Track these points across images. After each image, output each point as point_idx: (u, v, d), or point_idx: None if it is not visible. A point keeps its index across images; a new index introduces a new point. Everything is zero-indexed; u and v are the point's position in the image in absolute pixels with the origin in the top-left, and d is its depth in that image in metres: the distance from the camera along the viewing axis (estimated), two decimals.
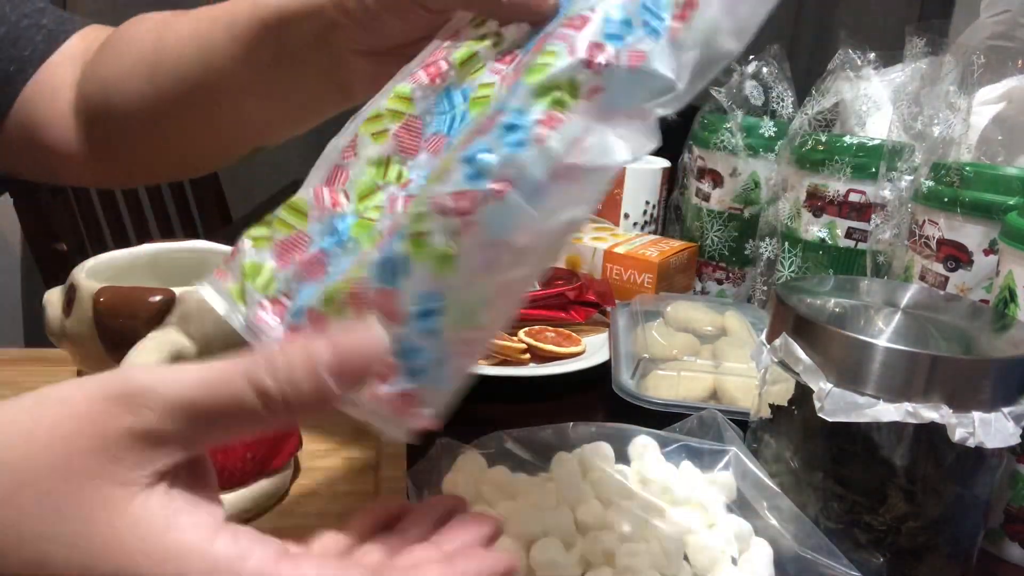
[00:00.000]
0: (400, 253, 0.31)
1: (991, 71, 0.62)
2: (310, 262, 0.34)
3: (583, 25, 0.31)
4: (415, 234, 0.31)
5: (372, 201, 0.35)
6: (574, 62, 0.31)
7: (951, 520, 0.44)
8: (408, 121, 0.35)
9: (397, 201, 0.34)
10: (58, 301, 0.44)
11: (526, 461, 0.51)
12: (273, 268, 0.35)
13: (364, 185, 0.35)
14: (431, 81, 0.35)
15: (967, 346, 0.44)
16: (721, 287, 0.93)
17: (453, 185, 0.30)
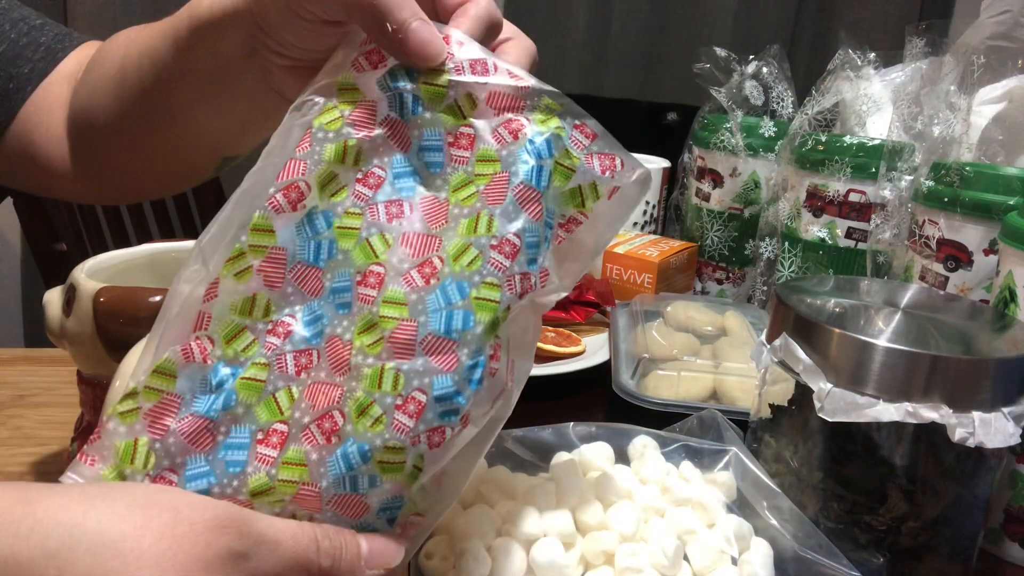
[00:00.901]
0: (368, 471, 0.34)
1: (991, 71, 0.62)
2: (195, 432, 0.33)
3: (514, 254, 0.35)
4: (386, 461, 0.34)
5: (239, 344, 0.35)
6: (513, 297, 0.35)
7: (951, 520, 0.44)
8: (271, 253, 0.35)
9: (285, 359, 0.35)
10: (58, 301, 0.44)
11: (526, 461, 0.50)
12: (148, 441, 0.33)
13: (230, 326, 0.35)
14: (292, 208, 0.35)
15: (967, 346, 0.44)
16: (721, 287, 0.93)
17: (425, 424, 0.33)
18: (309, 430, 0.34)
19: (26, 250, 1.55)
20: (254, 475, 0.33)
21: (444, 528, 0.43)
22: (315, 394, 0.34)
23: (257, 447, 0.34)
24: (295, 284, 0.35)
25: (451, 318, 0.34)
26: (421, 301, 0.34)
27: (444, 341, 0.34)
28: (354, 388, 0.34)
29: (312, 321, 0.35)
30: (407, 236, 0.35)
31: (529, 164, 0.36)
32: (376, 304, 0.34)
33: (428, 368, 0.33)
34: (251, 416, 0.34)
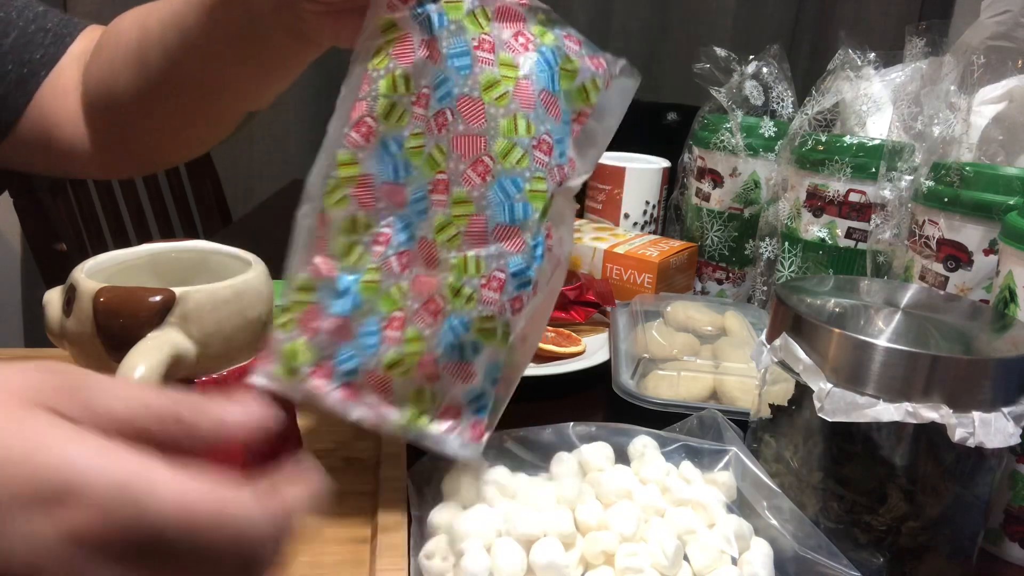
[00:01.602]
0: (472, 339, 0.43)
1: (991, 71, 0.62)
2: (336, 328, 0.43)
3: (549, 152, 0.43)
4: (483, 328, 0.43)
5: (353, 256, 0.44)
6: (554, 186, 0.43)
7: (951, 520, 0.44)
8: (359, 180, 0.43)
9: (392, 263, 0.43)
10: (58, 301, 0.44)
11: (526, 461, 0.51)
12: (304, 341, 0.43)
13: (341, 246, 0.44)
14: (365, 140, 0.43)
15: (967, 346, 0.44)
16: (721, 287, 0.93)
17: (507, 295, 0.42)
18: (419, 313, 0.43)
19: (26, 250, 1.55)
20: (385, 353, 0.43)
21: (444, 528, 0.43)
22: (418, 285, 0.43)
23: (384, 331, 0.43)
24: (384, 200, 0.43)
25: (513, 209, 0.42)
26: (483, 197, 0.42)
27: (510, 229, 0.42)
28: (446, 276, 0.42)
29: (403, 228, 0.43)
30: (456, 140, 0.42)
31: (545, 72, 0.43)
32: (447, 207, 0.42)
33: (502, 252, 0.42)
34: (375, 310, 0.43)
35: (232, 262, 0.49)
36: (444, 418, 0.44)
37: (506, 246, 0.42)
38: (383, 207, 0.43)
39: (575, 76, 0.44)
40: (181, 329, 0.42)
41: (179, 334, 0.41)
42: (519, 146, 0.42)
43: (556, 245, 0.44)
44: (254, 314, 0.45)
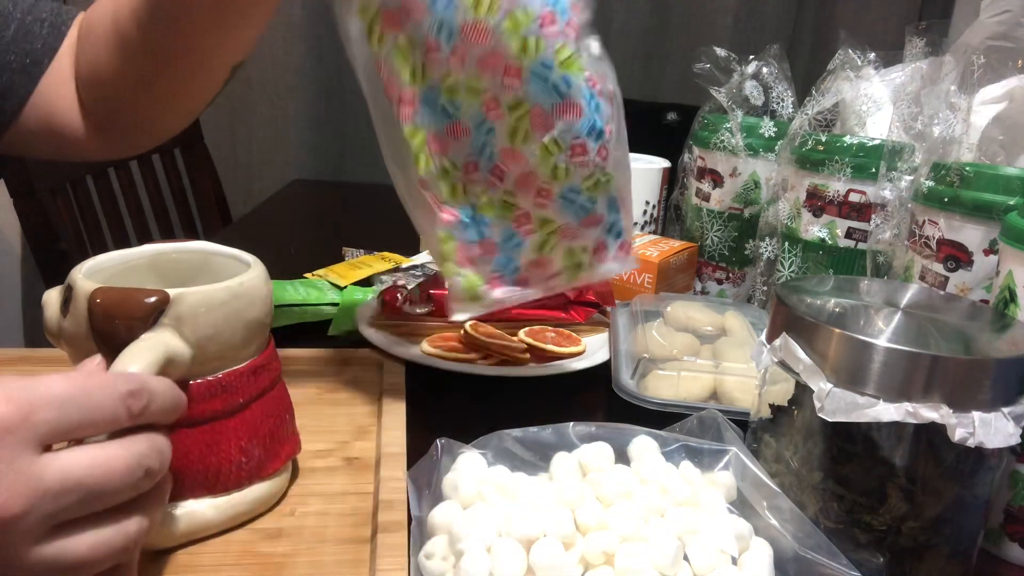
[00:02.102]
0: (585, 197, 0.50)
1: (991, 71, 0.62)
2: (484, 250, 0.52)
3: (553, 19, 0.46)
4: (589, 186, 0.50)
5: (459, 193, 0.50)
6: (575, 42, 0.47)
7: (951, 520, 0.44)
8: (428, 136, 0.48)
9: (490, 179, 0.50)
10: (56, 301, 0.44)
11: (526, 461, 0.50)
12: (471, 272, 0.52)
13: (447, 192, 0.51)
14: (411, 107, 0.47)
15: (967, 346, 0.44)
16: (721, 287, 0.93)
17: (591, 151, 0.48)
18: (536, 202, 0.50)
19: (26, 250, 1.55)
20: (531, 242, 0.52)
21: (444, 528, 0.43)
22: (521, 183, 0.49)
23: (518, 230, 0.51)
24: (453, 139, 0.48)
25: (557, 87, 0.46)
26: (526, 93, 0.46)
27: (565, 103, 0.47)
28: (538, 166, 0.48)
29: (480, 150, 0.49)
30: (480, 64, 0.46)
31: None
32: (506, 116, 0.47)
33: (569, 124, 0.47)
34: (502, 219, 0.51)
35: (233, 263, 0.49)
36: (598, 254, 0.53)
37: (568, 118, 0.47)
38: (454, 143, 0.48)
39: None
40: (175, 331, 0.42)
41: (173, 335, 0.41)
42: (529, 35, 0.45)
43: (601, 83, 0.48)
44: (251, 316, 0.45)
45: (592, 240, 0.52)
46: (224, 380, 0.45)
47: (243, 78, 1.73)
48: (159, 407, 0.36)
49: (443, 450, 0.49)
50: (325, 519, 0.47)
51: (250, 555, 0.44)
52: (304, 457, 0.53)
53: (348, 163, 1.87)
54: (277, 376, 0.49)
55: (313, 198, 1.53)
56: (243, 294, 0.45)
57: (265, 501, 0.47)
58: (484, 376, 0.66)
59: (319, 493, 0.50)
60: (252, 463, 0.46)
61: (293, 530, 0.46)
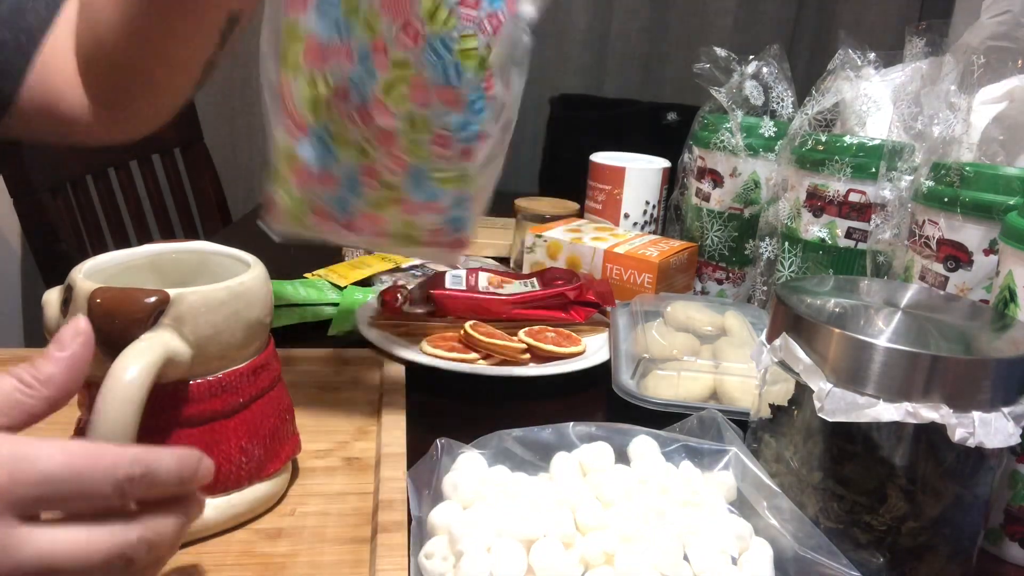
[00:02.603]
0: (433, 186, 0.45)
1: (991, 71, 0.62)
2: (320, 178, 0.48)
3: (476, 3, 0.42)
4: (441, 177, 0.45)
5: (321, 112, 0.45)
6: (488, 37, 0.43)
7: (951, 520, 0.44)
8: (307, 41, 0.44)
9: (355, 116, 0.44)
10: (56, 301, 0.44)
11: (526, 461, 0.50)
12: (300, 195, 0.49)
13: (308, 102, 0.46)
14: (302, 3, 0.43)
15: (967, 346, 0.44)
16: (721, 287, 0.93)
17: (455, 149, 0.44)
18: (386, 163, 0.46)
19: (26, 250, 1.55)
20: (369, 195, 0.48)
21: (444, 528, 0.43)
22: (380, 138, 0.45)
23: (362, 177, 0.47)
24: (333, 59, 0.43)
25: (446, 70, 0.42)
26: (418, 59, 0.42)
27: (447, 89, 0.43)
28: (401, 129, 0.45)
29: (356, 86, 0.44)
30: (384, 1, 0.42)
31: None
32: (388, 67, 0.43)
33: (442, 110, 0.43)
34: (350, 159, 0.47)
35: (233, 263, 0.49)
36: (432, 237, 0.50)
37: (446, 105, 0.43)
38: (334, 63, 0.44)
39: None
40: (175, 331, 0.42)
41: (173, 335, 0.41)
42: (444, 5, 0.41)
43: (500, 91, 0.45)
44: (251, 316, 0.45)
45: (429, 222, 0.50)
46: (224, 380, 0.45)
47: (243, 77, 1.73)
48: (159, 492, 0.34)
49: (443, 450, 0.49)
50: (325, 519, 0.47)
51: (250, 555, 0.44)
52: (304, 457, 0.53)
53: None
54: (277, 376, 0.49)
55: None
56: (243, 294, 0.45)
57: (265, 501, 0.47)
58: (484, 376, 0.66)
59: (319, 493, 0.50)
60: (252, 463, 0.46)
61: (293, 530, 0.46)
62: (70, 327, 0.36)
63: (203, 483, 0.35)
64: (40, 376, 0.34)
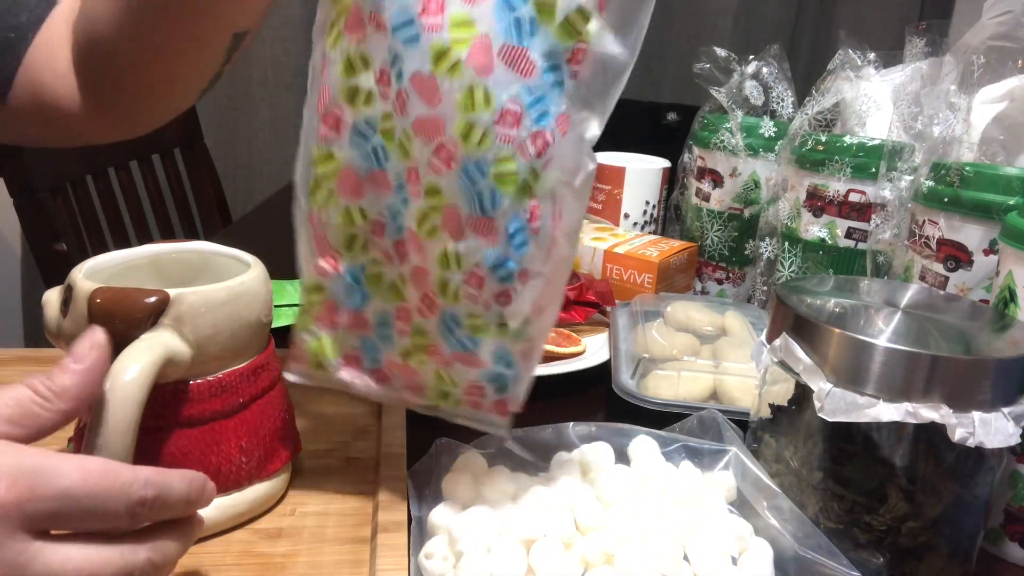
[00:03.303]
0: (466, 334, 0.41)
1: (991, 71, 0.62)
2: (352, 322, 0.44)
3: (517, 121, 0.37)
4: (474, 325, 0.40)
5: (356, 249, 0.42)
6: (531, 160, 0.37)
7: (951, 520, 0.44)
8: (341, 173, 0.40)
9: (391, 253, 0.41)
10: (56, 301, 0.44)
11: (526, 461, 0.51)
12: (328, 337, 0.44)
13: (343, 239, 0.42)
14: (335, 131, 0.40)
15: (967, 346, 0.44)
16: (721, 287, 0.93)
17: (489, 290, 0.39)
18: (419, 306, 0.42)
19: (26, 250, 1.55)
20: (400, 343, 0.43)
21: (444, 528, 0.43)
22: (416, 277, 0.41)
23: (396, 322, 0.43)
24: (371, 188, 0.40)
25: (481, 198, 0.37)
26: (451, 186, 0.38)
27: (482, 220, 0.38)
28: (434, 269, 0.40)
29: (393, 216, 0.40)
30: (416, 123, 0.37)
31: (505, 19, 0.35)
32: (420, 197, 0.39)
33: (477, 245, 0.38)
34: (385, 301, 0.43)
35: (233, 263, 0.49)
36: (470, 396, 0.44)
37: (480, 239, 0.38)
38: (372, 194, 0.40)
39: (553, 10, 0.36)
40: (175, 331, 0.42)
41: (173, 336, 0.41)
42: (478, 124, 0.36)
43: (547, 222, 0.39)
44: (251, 316, 0.45)
45: (466, 378, 0.43)
46: (224, 380, 0.45)
47: (243, 77, 1.73)
48: (168, 514, 0.34)
49: (443, 450, 0.49)
50: (325, 519, 0.47)
51: (250, 555, 0.44)
52: (304, 457, 0.53)
53: None
54: (277, 376, 0.49)
55: None
56: (243, 294, 0.45)
57: (265, 501, 0.47)
58: None
59: (319, 493, 0.50)
60: (252, 463, 0.46)
61: (293, 530, 0.46)
62: (87, 339, 0.36)
63: (206, 505, 0.36)
64: (55, 388, 0.34)
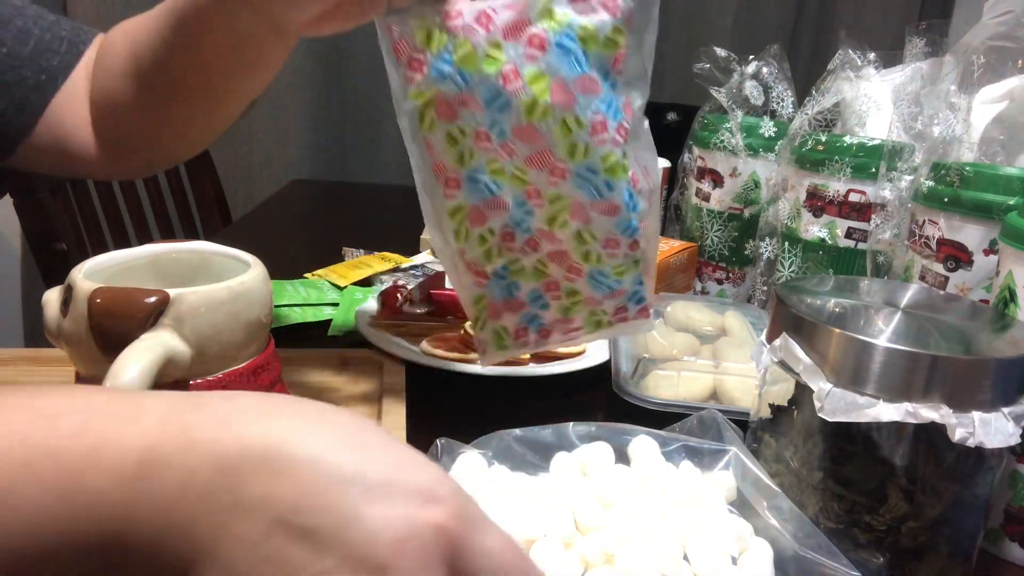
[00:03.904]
0: (612, 279, 0.52)
1: (991, 71, 0.62)
2: (510, 308, 0.54)
3: (604, 126, 0.46)
4: (617, 270, 0.51)
5: (495, 257, 0.52)
6: (622, 145, 0.48)
7: (951, 520, 0.44)
8: (469, 212, 0.50)
9: (526, 249, 0.52)
10: (56, 301, 0.44)
11: (526, 461, 0.50)
12: (498, 326, 0.55)
13: (482, 255, 0.52)
14: (457, 188, 0.49)
15: (967, 346, 0.44)
16: (721, 287, 0.93)
17: (623, 246, 0.51)
18: (567, 276, 0.52)
19: (26, 250, 1.55)
20: (556, 305, 0.54)
21: None
22: (555, 258, 0.51)
23: (546, 294, 0.53)
24: (492, 212, 0.49)
25: (598, 189, 0.47)
26: (570, 190, 0.47)
27: (603, 203, 0.48)
28: (573, 247, 0.50)
29: (518, 224, 0.50)
30: (528, 160, 0.47)
31: (567, 60, 0.44)
32: (545, 204, 0.48)
33: (604, 221, 0.49)
34: (530, 283, 0.53)
35: (233, 263, 0.49)
36: (618, 315, 0.54)
37: (606, 215, 0.48)
38: (493, 215, 0.49)
39: (597, 35, 0.45)
40: (175, 331, 0.42)
41: (173, 335, 0.41)
42: (579, 142, 0.46)
43: (642, 180, 0.49)
44: (251, 316, 0.45)
45: (613, 305, 0.54)
46: (224, 380, 0.45)
47: None
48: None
49: (443, 450, 0.49)
50: None
51: None
52: None
53: (348, 163, 1.87)
54: (277, 376, 0.49)
55: (313, 198, 1.53)
56: (243, 294, 0.45)
57: None
58: (484, 376, 0.66)
59: None
60: None
61: None
62: None
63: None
64: None
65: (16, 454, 0.26)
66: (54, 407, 0.27)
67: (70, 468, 0.26)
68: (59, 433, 0.27)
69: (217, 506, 0.26)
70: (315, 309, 0.80)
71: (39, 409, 0.27)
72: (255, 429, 0.27)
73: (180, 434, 0.27)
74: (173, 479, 0.26)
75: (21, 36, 0.60)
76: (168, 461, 0.26)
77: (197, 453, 0.27)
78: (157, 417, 0.27)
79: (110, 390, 0.29)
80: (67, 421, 0.27)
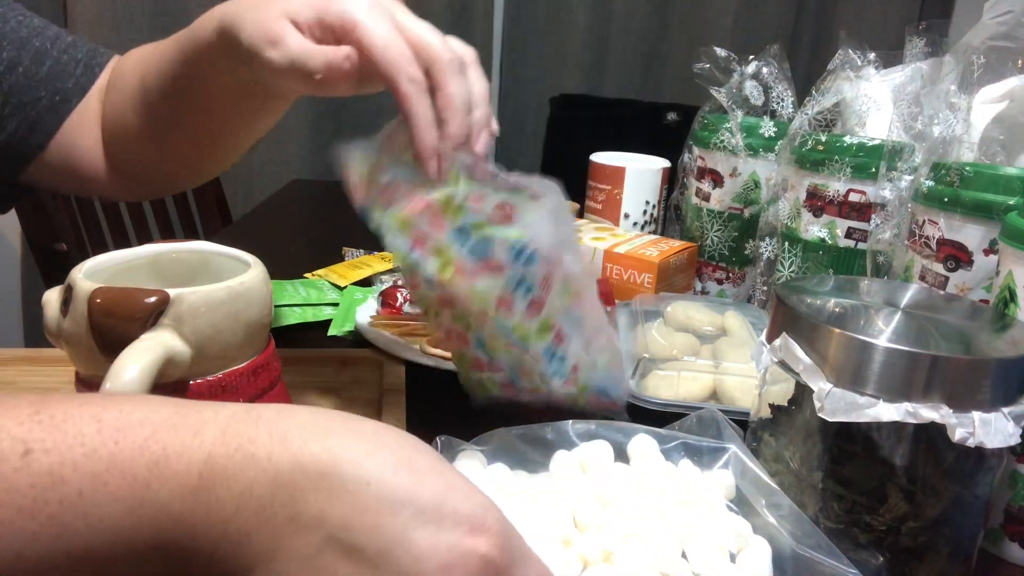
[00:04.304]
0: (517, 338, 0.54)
1: (991, 71, 0.62)
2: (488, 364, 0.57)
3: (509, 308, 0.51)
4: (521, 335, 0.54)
5: (473, 327, 0.54)
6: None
7: (951, 520, 0.44)
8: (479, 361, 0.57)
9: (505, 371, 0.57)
10: (56, 301, 0.44)
11: (526, 459, 0.50)
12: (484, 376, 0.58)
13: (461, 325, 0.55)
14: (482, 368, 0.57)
15: (967, 346, 0.44)
16: (721, 287, 0.93)
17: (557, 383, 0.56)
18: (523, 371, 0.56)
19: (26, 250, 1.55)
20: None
21: None
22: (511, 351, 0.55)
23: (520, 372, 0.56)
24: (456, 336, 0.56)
25: (517, 343, 0.53)
26: (493, 334, 0.53)
27: (527, 352, 0.53)
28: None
29: (477, 344, 0.55)
30: (458, 305, 0.52)
31: (466, 244, 0.49)
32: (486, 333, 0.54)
33: (533, 362, 0.54)
34: (497, 351, 0.55)
35: (233, 263, 0.49)
36: (591, 403, 0.57)
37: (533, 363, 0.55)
38: (456, 342, 0.56)
39: (484, 224, 0.49)
40: (175, 331, 0.42)
41: (173, 335, 0.41)
42: (487, 308, 0.50)
43: (568, 340, 0.54)
44: (251, 316, 0.45)
45: (583, 396, 0.58)
46: (224, 380, 0.45)
47: None
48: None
49: (443, 448, 0.49)
50: None
51: None
52: None
53: None
54: (277, 376, 0.49)
55: (313, 198, 1.53)
56: (243, 294, 0.45)
57: None
58: None
59: None
60: None
61: None
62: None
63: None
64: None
65: (86, 466, 0.27)
66: (121, 420, 0.29)
67: (136, 479, 0.27)
68: (125, 445, 0.28)
69: (273, 520, 0.27)
70: (315, 309, 0.80)
71: (107, 421, 0.28)
72: (313, 446, 0.28)
73: (239, 448, 0.28)
74: (232, 492, 0.28)
75: (38, 57, 0.61)
76: (227, 475, 0.28)
77: (255, 468, 0.28)
78: (218, 430, 0.29)
79: (175, 402, 0.30)
80: (133, 433, 0.28)
